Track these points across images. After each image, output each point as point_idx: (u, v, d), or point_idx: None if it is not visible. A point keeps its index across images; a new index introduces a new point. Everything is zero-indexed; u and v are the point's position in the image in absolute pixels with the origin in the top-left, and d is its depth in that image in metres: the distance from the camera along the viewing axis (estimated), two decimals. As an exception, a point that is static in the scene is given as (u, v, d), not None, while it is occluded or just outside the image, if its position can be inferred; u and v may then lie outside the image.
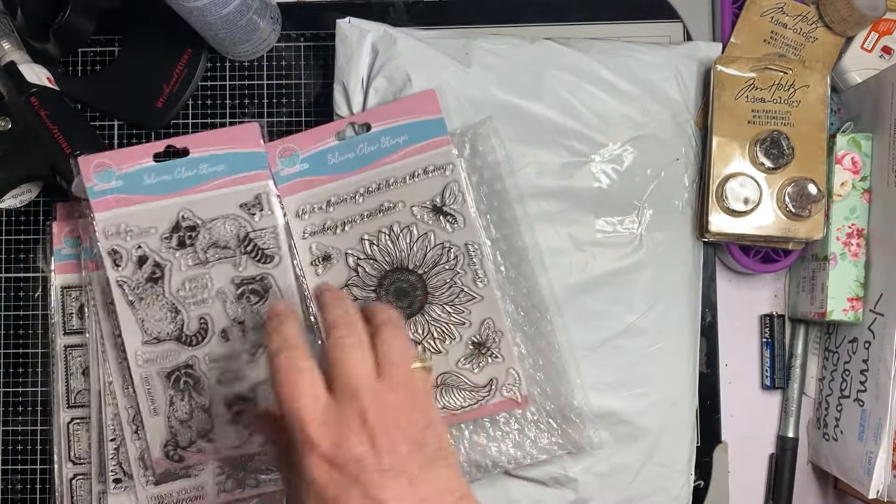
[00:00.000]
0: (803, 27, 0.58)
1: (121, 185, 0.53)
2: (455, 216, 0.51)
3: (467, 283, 0.51)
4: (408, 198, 0.51)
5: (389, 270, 0.51)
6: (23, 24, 0.57)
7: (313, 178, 0.51)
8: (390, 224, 0.51)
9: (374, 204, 0.51)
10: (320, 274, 0.51)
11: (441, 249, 0.51)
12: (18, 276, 0.60)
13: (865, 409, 0.53)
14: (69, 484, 0.57)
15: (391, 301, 0.50)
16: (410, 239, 0.50)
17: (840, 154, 0.55)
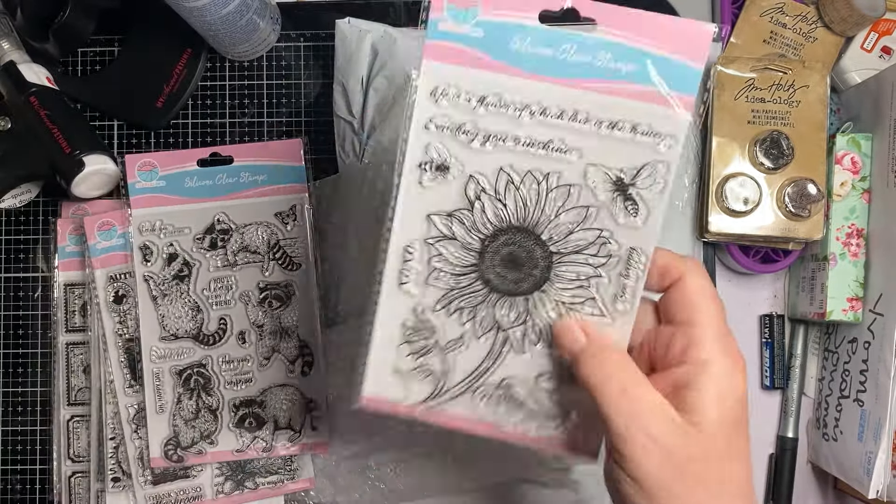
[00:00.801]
0: (803, 27, 0.58)
1: (163, 185, 0.56)
2: (639, 206, 0.35)
3: (604, 296, 0.36)
4: (589, 151, 0.35)
5: (512, 226, 0.36)
6: (22, 23, 0.57)
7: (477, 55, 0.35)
8: (549, 171, 0.35)
9: (540, 134, 0.35)
10: (422, 182, 0.36)
11: (596, 236, 0.35)
12: (18, 276, 0.60)
13: (865, 409, 0.53)
14: (68, 482, 0.57)
15: (495, 263, 0.36)
16: (564, 203, 0.35)
17: (840, 154, 0.55)
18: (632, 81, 0.34)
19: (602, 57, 0.34)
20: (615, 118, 0.34)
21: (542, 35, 0.34)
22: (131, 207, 0.56)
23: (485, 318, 0.36)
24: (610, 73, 0.34)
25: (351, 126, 0.56)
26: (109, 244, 0.56)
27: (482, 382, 0.37)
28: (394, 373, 0.37)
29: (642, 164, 0.35)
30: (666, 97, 0.34)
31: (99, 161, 0.55)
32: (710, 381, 0.31)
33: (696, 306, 0.32)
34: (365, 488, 0.55)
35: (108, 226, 0.56)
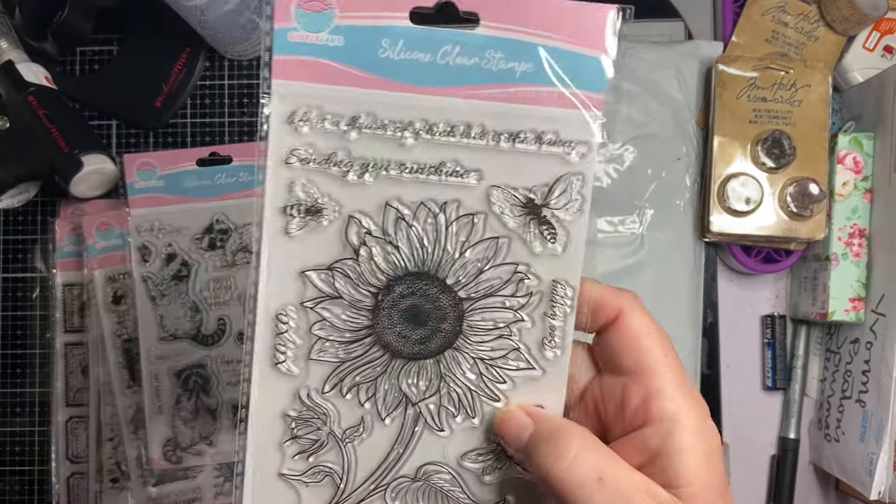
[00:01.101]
0: (805, 26, 0.58)
1: (161, 185, 0.56)
2: (556, 231, 0.29)
3: (530, 344, 0.30)
4: (491, 171, 0.29)
5: (410, 273, 0.30)
6: (21, 22, 0.57)
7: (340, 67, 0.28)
8: (445, 201, 0.29)
9: (428, 156, 0.29)
10: (289, 232, 0.29)
11: (511, 272, 0.29)
12: (17, 276, 0.60)
13: (867, 409, 0.53)
14: (67, 482, 0.57)
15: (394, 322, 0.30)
16: (468, 236, 0.29)
17: (842, 154, 0.55)
18: (529, 83, 0.28)
19: (491, 57, 0.28)
20: (515, 129, 0.29)
21: (415, 37, 0.28)
22: (130, 207, 0.56)
23: (388, 394, 0.30)
24: (502, 76, 0.28)
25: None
26: (108, 244, 0.56)
27: (394, 475, 0.30)
28: (279, 480, 0.30)
29: (554, 179, 0.29)
30: (570, 97, 0.28)
31: (97, 161, 0.55)
32: (688, 440, 0.26)
33: (643, 350, 0.28)
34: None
35: (107, 226, 0.56)
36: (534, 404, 0.30)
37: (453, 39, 0.28)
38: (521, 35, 0.28)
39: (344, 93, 0.28)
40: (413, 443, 0.30)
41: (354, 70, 0.28)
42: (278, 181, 0.29)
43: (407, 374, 0.30)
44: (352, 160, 0.29)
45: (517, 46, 0.28)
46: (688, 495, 0.25)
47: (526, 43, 0.28)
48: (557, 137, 0.29)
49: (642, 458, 0.26)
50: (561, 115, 0.29)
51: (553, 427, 0.27)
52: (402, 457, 0.30)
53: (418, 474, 0.30)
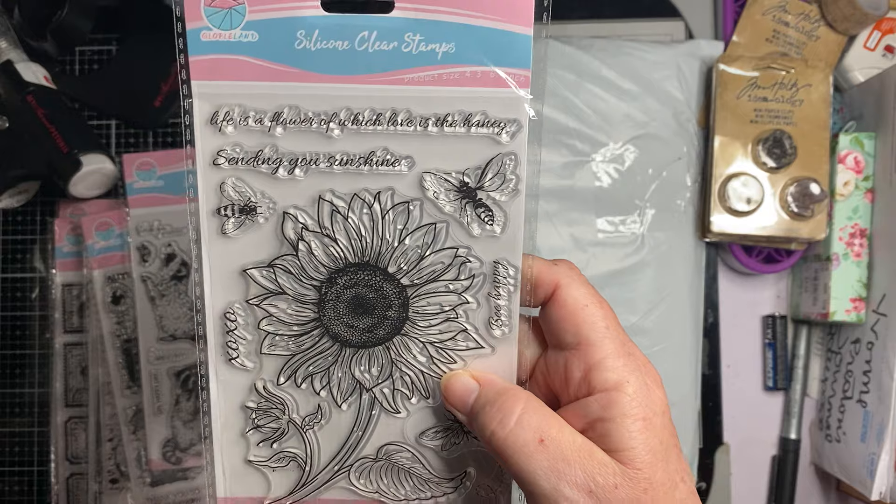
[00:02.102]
0: (805, 26, 0.58)
1: (161, 185, 0.55)
2: (493, 213, 0.29)
3: (477, 324, 0.30)
4: (422, 156, 0.29)
5: (351, 264, 0.29)
6: (20, 22, 0.57)
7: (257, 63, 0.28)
8: (378, 190, 0.29)
9: (358, 146, 0.29)
10: (226, 232, 0.29)
11: (452, 256, 0.29)
12: (16, 276, 0.60)
13: (868, 410, 0.53)
14: (66, 483, 0.56)
15: (340, 313, 0.30)
16: (406, 224, 0.29)
17: (843, 153, 0.55)
18: (452, 64, 0.27)
19: (410, 40, 0.27)
20: (442, 112, 0.28)
21: (331, 25, 0.27)
22: (129, 207, 0.55)
23: (342, 381, 0.30)
24: (424, 59, 0.27)
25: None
26: (107, 244, 0.56)
27: (356, 457, 0.31)
28: (247, 466, 0.31)
29: (486, 160, 0.28)
30: (496, 76, 0.27)
31: (97, 160, 0.55)
32: (629, 406, 0.26)
33: (582, 322, 0.27)
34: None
35: (106, 226, 0.56)
36: None
37: (369, 25, 0.27)
38: (438, 15, 0.27)
39: (264, 88, 0.28)
40: (371, 425, 0.31)
41: (273, 65, 0.28)
42: (208, 184, 0.29)
43: (358, 362, 0.30)
44: (280, 156, 0.29)
45: (436, 27, 0.27)
46: (628, 458, 0.25)
47: (445, 23, 0.27)
48: (486, 118, 0.28)
49: (584, 425, 0.27)
50: (488, 95, 0.28)
51: (498, 390, 0.27)
52: (361, 439, 0.31)
53: (379, 454, 0.31)
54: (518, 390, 0.28)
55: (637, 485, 0.25)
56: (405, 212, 0.29)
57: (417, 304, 0.30)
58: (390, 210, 0.29)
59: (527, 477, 0.26)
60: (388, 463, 0.31)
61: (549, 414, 0.26)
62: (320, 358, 0.30)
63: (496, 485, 0.32)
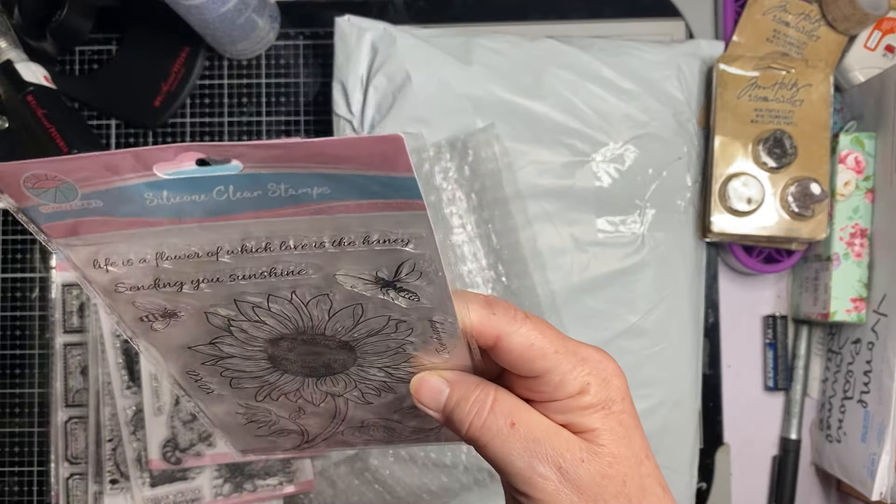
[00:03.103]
0: (806, 25, 0.58)
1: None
2: (417, 292, 0.28)
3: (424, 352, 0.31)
4: (328, 265, 0.27)
5: (287, 335, 0.30)
6: (20, 22, 0.57)
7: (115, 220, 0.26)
8: (292, 288, 0.28)
9: (259, 265, 0.27)
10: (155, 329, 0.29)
11: (385, 321, 0.29)
12: (16, 277, 0.60)
13: (868, 410, 0.53)
14: (65, 483, 0.56)
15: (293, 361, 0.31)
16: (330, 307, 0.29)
17: (843, 153, 0.55)
18: (332, 200, 0.25)
19: (275, 188, 0.25)
20: (337, 235, 0.26)
21: (178, 185, 0.24)
22: None
23: (314, 394, 0.33)
24: (297, 199, 0.25)
25: (350, 124, 0.56)
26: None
27: (342, 428, 0.35)
28: (255, 438, 0.35)
29: (398, 263, 0.27)
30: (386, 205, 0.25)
31: (96, 160, 0.55)
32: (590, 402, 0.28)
33: (532, 359, 0.28)
34: (364, 490, 0.54)
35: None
36: None
37: (222, 182, 0.24)
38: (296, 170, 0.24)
39: (135, 235, 0.26)
40: (348, 414, 0.34)
41: (132, 219, 0.25)
42: (118, 303, 0.28)
43: (323, 383, 0.32)
44: (180, 279, 0.27)
45: (301, 178, 0.24)
46: (591, 437, 0.28)
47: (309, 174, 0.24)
48: (385, 236, 0.26)
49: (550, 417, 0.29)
50: (381, 217, 0.25)
51: (468, 386, 0.29)
52: (343, 422, 0.35)
53: (363, 424, 0.35)
54: (487, 383, 0.29)
55: (602, 459, 0.28)
56: (326, 299, 0.28)
57: (363, 348, 0.31)
58: (311, 300, 0.28)
59: (504, 458, 0.28)
60: (371, 426, 0.35)
61: (518, 401, 0.29)
62: (289, 384, 0.32)
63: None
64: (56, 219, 0.25)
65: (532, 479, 0.27)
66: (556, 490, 0.27)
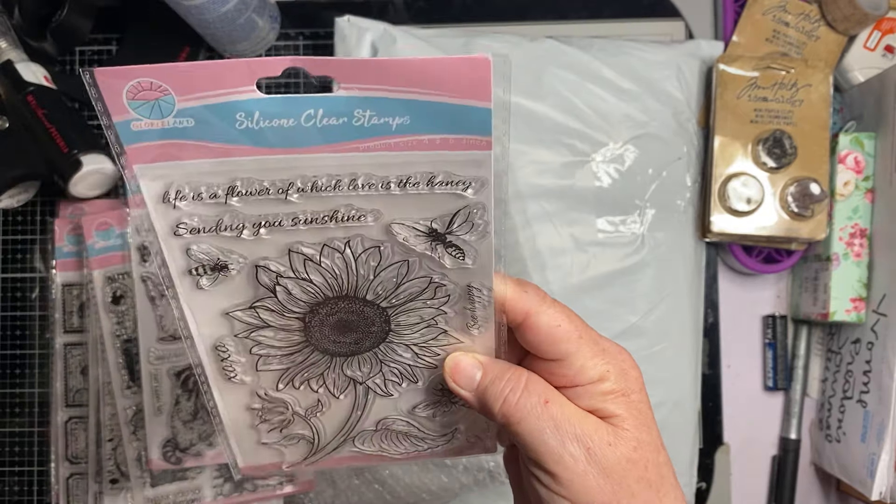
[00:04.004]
0: (805, 26, 0.58)
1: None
2: (464, 251, 0.30)
3: (455, 327, 0.32)
4: (388, 211, 0.29)
5: (329, 298, 0.31)
6: (20, 22, 0.57)
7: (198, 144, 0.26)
8: (347, 238, 0.29)
9: (323, 207, 0.28)
10: (201, 286, 0.30)
11: (426, 283, 0.31)
12: (16, 277, 0.60)
13: (868, 410, 0.53)
14: (66, 483, 0.56)
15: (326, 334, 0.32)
16: (379, 262, 0.30)
17: (843, 153, 0.55)
18: (408, 133, 0.26)
19: (361, 115, 0.26)
20: (404, 174, 0.27)
21: (271, 106, 0.25)
22: (129, 207, 0.55)
23: (337, 380, 0.33)
24: (378, 130, 0.26)
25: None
26: (107, 244, 0.56)
27: (357, 431, 0.35)
28: (260, 446, 0.34)
29: (453, 211, 0.29)
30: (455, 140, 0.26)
31: (97, 160, 0.55)
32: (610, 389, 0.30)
33: (558, 340, 0.30)
34: (364, 490, 0.55)
35: (106, 226, 0.56)
36: None
37: (314, 104, 0.25)
38: (388, 94, 0.25)
39: (212, 165, 0.27)
40: (368, 406, 0.34)
41: (216, 145, 0.26)
42: (173, 250, 0.29)
43: (349, 365, 0.33)
44: (242, 221, 0.28)
45: (387, 103, 0.25)
46: (616, 422, 0.29)
47: (396, 100, 0.25)
48: (449, 178, 0.28)
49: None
50: (449, 158, 0.27)
51: (502, 367, 0.31)
52: (360, 418, 0.34)
53: (378, 426, 0.35)
54: (517, 367, 0.31)
55: (628, 443, 0.29)
56: (377, 253, 0.29)
57: (398, 318, 0.32)
58: (362, 253, 0.30)
59: (537, 436, 0.29)
60: (386, 431, 0.35)
61: (548, 384, 0.30)
62: (314, 367, 0.32)
63: (483, 433, 0.35)
64: (145, 139, 0.26)
65: (563, 458, 0.28)
66: (585, 471, 0.28)
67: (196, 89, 0.25)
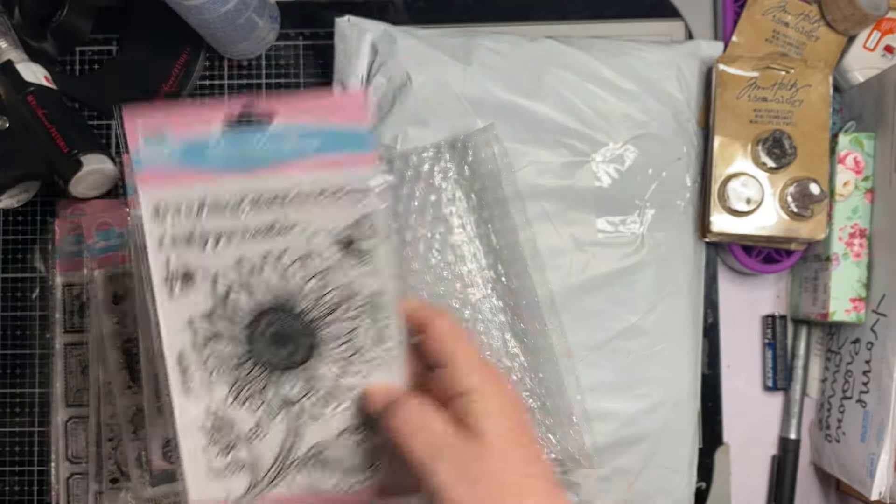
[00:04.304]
0: (805, 26, 0.58)
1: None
2: (366, 255, 0.38)
3: (368, 343, 0.39)
4: (310, 222, 0.38)
5: (268, 309, 0.38)
6: (20, 22, 0.57)
7: (183, 170, 0.37)
8: (281, 250, 0.38)
9: (263, 220, 0.37)
10: (175, 295, 0.37)
11: (342, 294, 0.38)
12: (16, 276, 0.60)
13: (868, 410, 0.53)
14: (66, 483, 0.56)
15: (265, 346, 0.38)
16: (304, 273, 0.38)
17: (842, 154, 0.55)
18: (322, 153, 0.37)
19: (291, 139, 0.37)
20: (321, 187, 0.38)
21: (231, 137, 0.37)
22: (129, 207, 0.55)
23: (273, 400, 0.38)
24: (303, 151, 0.37)
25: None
26: (108, 244, 0.56)
27: (292, 458, 0.39)
28: (210, 474, 0.38)
29: (356, 219, 0.38)
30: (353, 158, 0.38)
31: (97, 160, 0.55)
32: (481, 405, 0.34)
33: (446, 350, 0.36)
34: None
35: (107, 226, 0.56)
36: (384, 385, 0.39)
37: (257, 133, 0.37)
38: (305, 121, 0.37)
39: (189, 186, 0.37)
40: (300, 433, 0.39)
41: (194, 168, 0.37)
42: (157, 259, 0.37)
43: (284, 383, 0.38)
44: (206, 234, 0.37)
45: (306, 129, 0.37)
46: (483, 439, 0.34)
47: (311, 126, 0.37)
48: (350, 188, 0.38)
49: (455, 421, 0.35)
50: (350, 173, 0.38)
51: (397, 394, 0.37)
52: (294, 444, 0.39)
53: (309, 453, 0.39)
54: (409, 393, 0.37)
55: (492, 457, 0.33)
56: (302, 264, 0.38)
57: (323, 331, 0.38)
58: (291, 264, 0.38)
59: (415, 456, 0.34)
60: (318, 459, 0.39)
61: (431, 409, 0.35)
62: (255, 382, 0.38)
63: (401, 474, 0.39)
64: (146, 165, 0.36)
65: (438, 473, 0.33)
66: (454, 485, 0.33)
67: (182, 126, 0.36)
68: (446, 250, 0.53)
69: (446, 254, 0.53)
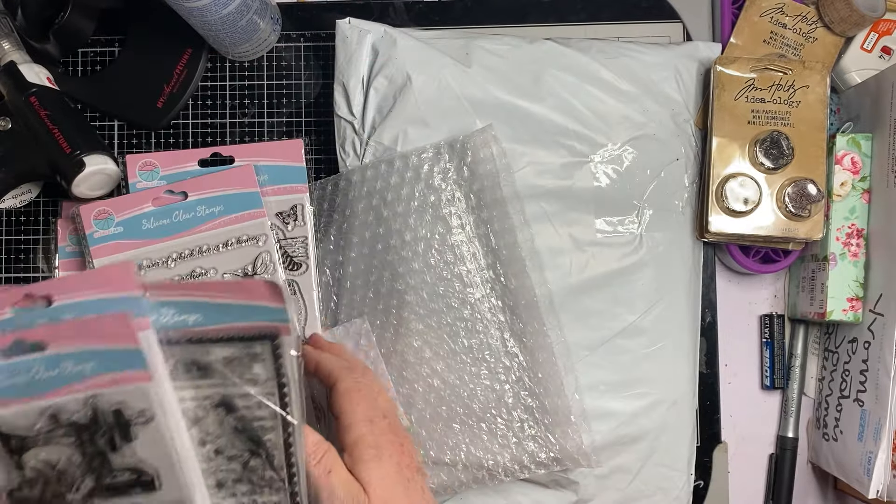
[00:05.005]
0: (803, 27, 0.58)
1: (163, 185, 0.57)
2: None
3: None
4: (220, 265, 0.54)
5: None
6: (23, 24, 0.57)
7: (126, 242, 0.54)
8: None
9: (186, 269, 0.53)
10: None
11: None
12: (19, 276, 0.60)
13: (865, 409, 0.53)
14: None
15: None
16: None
17: (840, 154, 0.55)
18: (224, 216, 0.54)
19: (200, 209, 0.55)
20: (226, 239, 0.54)
21: (158, 214, 0.55)
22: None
23: None
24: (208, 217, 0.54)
25: (351, 126, 0.56)
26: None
27: None
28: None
29: (253, 258, 0.54)
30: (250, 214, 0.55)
31: (99, 161, 0.55)
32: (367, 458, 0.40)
33: (342, 406, 0.42)
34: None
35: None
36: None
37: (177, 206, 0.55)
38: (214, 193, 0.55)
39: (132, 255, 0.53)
40: None
41: (134, 240, 0.54)
42: None
43: None
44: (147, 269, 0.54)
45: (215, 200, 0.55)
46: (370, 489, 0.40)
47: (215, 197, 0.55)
48: (248, 237, 0.55)
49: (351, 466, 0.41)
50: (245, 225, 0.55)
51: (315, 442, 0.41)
52: None
53: None
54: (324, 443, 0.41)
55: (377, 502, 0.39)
56: None
57: None
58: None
59: (319, 494, 0.39)
60: None
61: (336, 458, 0.40)
62: None
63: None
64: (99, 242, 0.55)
65: None
66: None
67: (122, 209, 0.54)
68: (446, 250, 0.53)
69: (446, 254, 0.53)
